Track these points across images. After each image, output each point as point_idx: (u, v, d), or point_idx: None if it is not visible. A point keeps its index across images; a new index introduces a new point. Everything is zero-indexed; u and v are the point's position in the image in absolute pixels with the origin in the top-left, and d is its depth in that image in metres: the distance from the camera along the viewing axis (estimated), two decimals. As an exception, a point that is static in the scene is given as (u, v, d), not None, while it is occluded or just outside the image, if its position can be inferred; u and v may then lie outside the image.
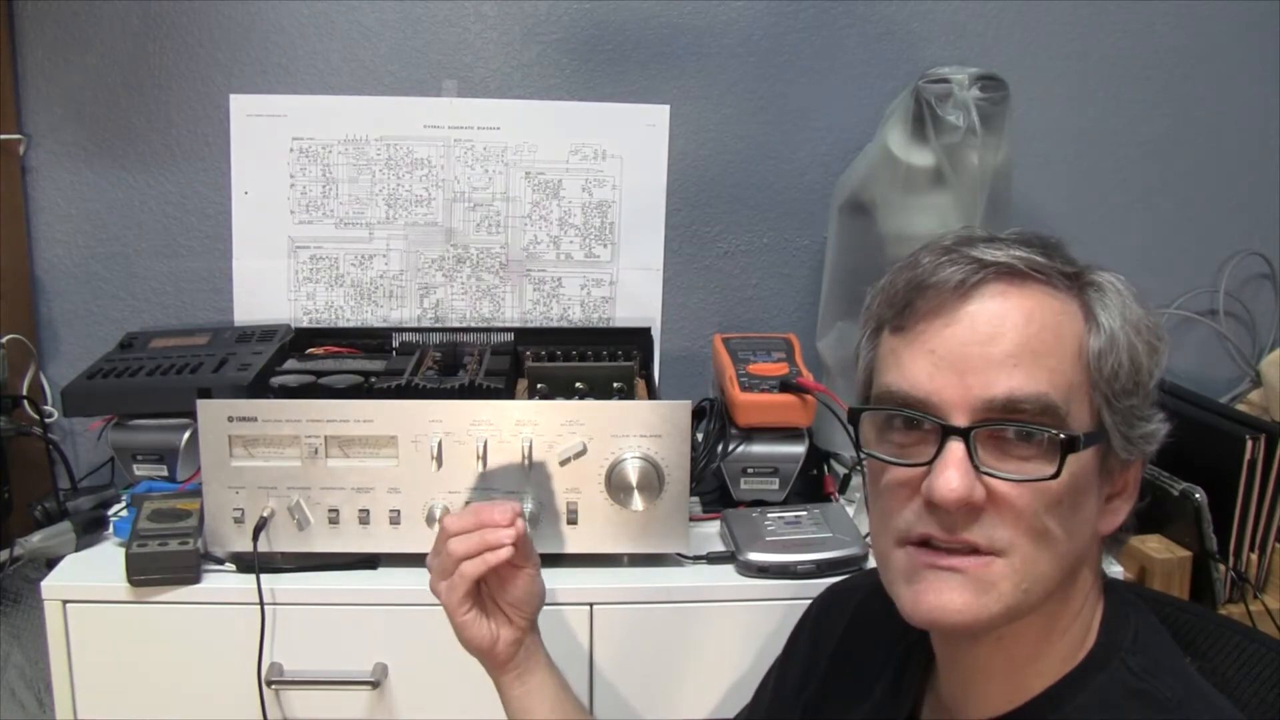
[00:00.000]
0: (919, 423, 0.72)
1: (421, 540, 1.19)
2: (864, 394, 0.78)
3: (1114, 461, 0.73)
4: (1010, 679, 0.75)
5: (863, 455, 0.76)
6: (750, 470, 1.36)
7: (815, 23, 1.60)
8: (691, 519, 1.24)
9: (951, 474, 0.68)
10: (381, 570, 1.21)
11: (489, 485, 1.17)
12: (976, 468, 0.69)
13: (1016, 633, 0.73)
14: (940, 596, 0.70)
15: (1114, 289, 0.73)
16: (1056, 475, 0.68)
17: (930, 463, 0.70)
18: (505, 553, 0.87)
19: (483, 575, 0.89)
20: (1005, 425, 0.69)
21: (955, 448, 0.69)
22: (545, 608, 1.18)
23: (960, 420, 0.70)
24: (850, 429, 0.77)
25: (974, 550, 0.70)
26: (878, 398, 0.75)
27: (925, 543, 0.71)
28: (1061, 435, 0.68)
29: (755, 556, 1.22)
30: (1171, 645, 0.76)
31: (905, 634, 0.81)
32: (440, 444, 1.16)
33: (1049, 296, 0.71)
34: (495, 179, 1.60)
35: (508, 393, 1.35)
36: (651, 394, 1.39)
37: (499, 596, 0.92)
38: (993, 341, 0.69)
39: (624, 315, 1.64)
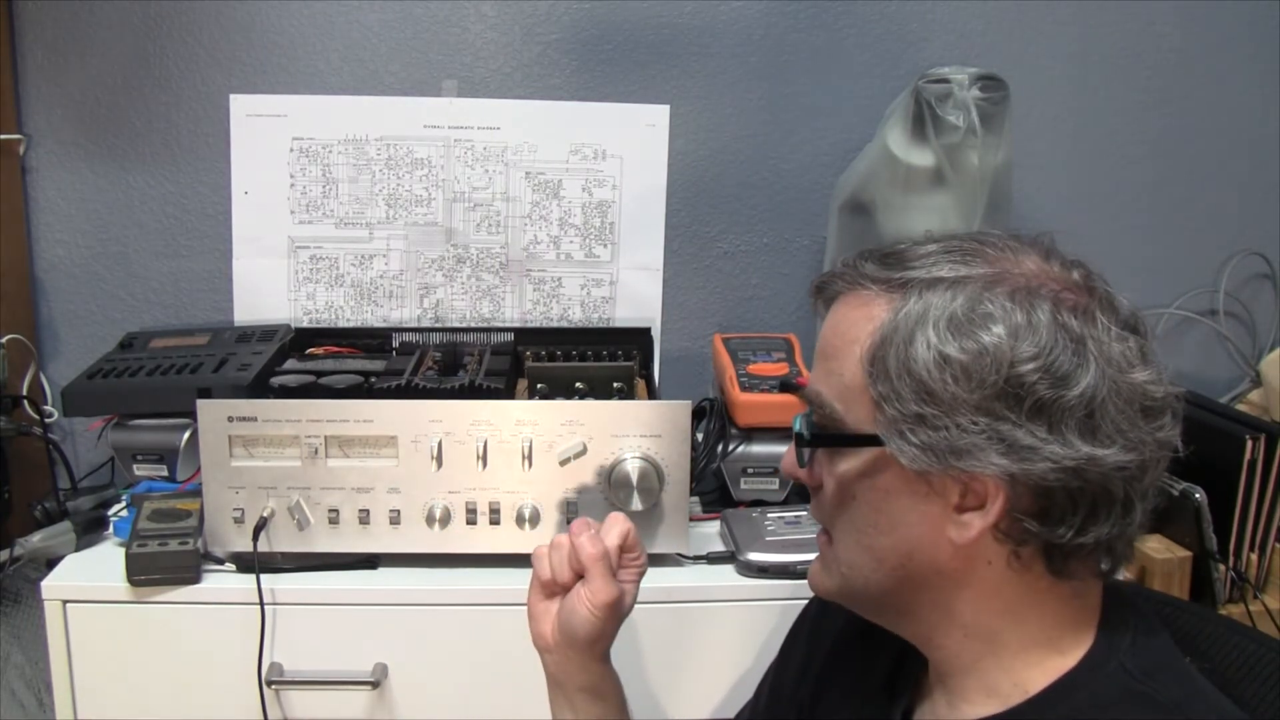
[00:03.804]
0: None
1: (421, 540, 1.19)
2: None
3: (941, 470, 0.70)
4: (976, 677, 0.75)
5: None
6: (750, 470, 1.36)
7: (815, 23, 1.60)
8: (691, 519, 1.24)
9: (787, 452, 0.82)
10: (381, 570, 1.21)
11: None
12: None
13: (925, 623, 0.77)
14: (810, 571, 0.83)
15: (925, 302, 0.70)
16: (804, 464, 0.79)
17: None
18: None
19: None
20: (797, 421, 0.79)
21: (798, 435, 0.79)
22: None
23: (802, 414, 0.80)
24: None
25: (823, 530, 0.80)
26: None
27: None
28: (808, 432, 0.77)
29: (755, 556, 1.22)
30: (1171, 646, 0.76)
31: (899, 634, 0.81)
32: (440, 444, 1.16)
33: (858, 304, 0.74)
34: (495, 179, 1.60)
35: (508, 393, 1.35)
36: (651, 394, 1.39)
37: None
38: (820, 348, 0.78)
39: (624, 315, 1.64)
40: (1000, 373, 0.68)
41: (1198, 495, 1.31)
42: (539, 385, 1.35)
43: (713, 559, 1.24)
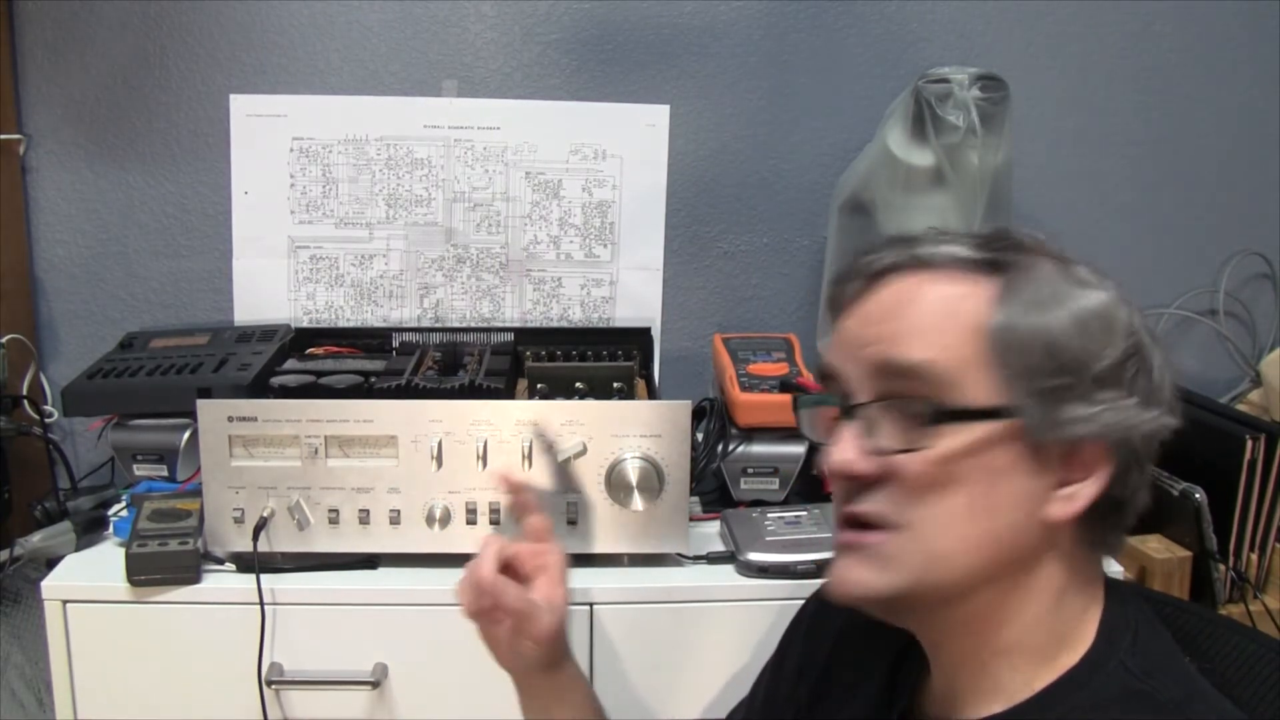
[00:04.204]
0: (834, 408, 0.77)
1: (421, 540, 1.19)
2: None
3: (1052, 443, 0.71)
4: (986, 673, 0.74)
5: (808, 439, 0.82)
6: (750, 470, 1.36)
7: (815, 23, 1.60)
8: (691, 519, 1.24)
9: (839, 446, 0.73)
10: (381, 570, 1.21)
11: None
12: (870, 440, 0.73)
13: (971, 616, 0.73)
14: (842, 572, 0.74)
15: (1041, 274, 0.72)
16: (930, 446, 0.70)
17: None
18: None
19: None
20: (885, 401, 0.72)
21: (847, 424, 0.74)
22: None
23: (859, 397, 0.74)
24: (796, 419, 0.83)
25: (872, 525, 0.73)
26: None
27: (844, 523, 0.75)
28: (937, 408, 0.70)
29: (755, 556, 1.22)
30: (1172, 645, 0.76)
31: (900, 633, 0.81)
32: (440, 444, 1.16)
33: (949, 283, 0.73)
34: (495, 179, 1.60)
35: (508, 393, 1.35)
36: (651, 394, 1.39)
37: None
38: (884, 321, 0.74)
39: (624, 315, 1.64)
40: (1126, 338, 0.71)
41: (1198, 495, 1.31)
42: (539, 385, 1.35)
43: (713, 559, 1.24)
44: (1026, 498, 0.71)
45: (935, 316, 0.72)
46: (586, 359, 1.46)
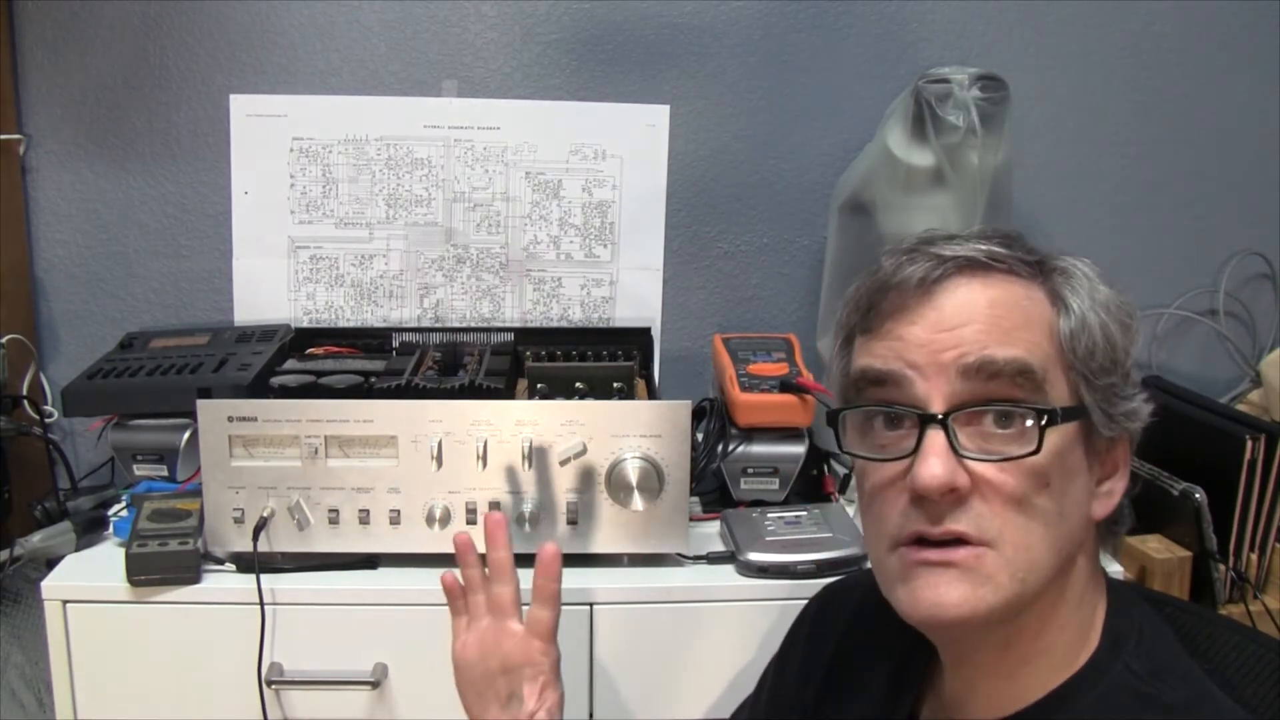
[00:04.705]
0: (899, 419, 0.72)
1: (421, 540, 1.19)
2: (842, 402, 0.79)
3: (1099, 442, 0.73)
4: (1014, 678, 0.74)
5: (848, 456, 0.76)
6: (750, 470, 1.36)
7: (815, 23, 1.60)
8: (691, 519, 1.24)
9: (933, 461, 0.68)
10: (381, 570, 1.21)
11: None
12: (958, 453, 0.69)
13: (1019, 627, 0.72)
14: (936, 592, 0.70)
15: (1080, 273, 0.74)
16: (1038, 450, 0.68)
17: (912, 454, 0.70)
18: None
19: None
20: (983, 407, 0.69)
21: (935, 435, 0.69)
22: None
23: (937, 407, 0.70)
24: (834, 432, 0.77)
25: (965, 542, 0.69)
26: (856, 397, 0.76)
27: (917, 541, 0.71)
28: (1041, 410, 0.69)
29: (755, 556, 1.22)
30: (1176, 646, 0.76)
31: (905, 633, 0.81)
32: (440, 444, 1.16)
33: (1013, 284, 0.73)
34: (495, 179, 1.60)
35: (508, 393, 1.35)
36: (651, 394, 1.39)
37: None
38: (961, 327, 0.70)
39: (624, 315, 1.64)
40: (1139, 332, 0.74)
41: (1198, 495, 1.31)
42: (539, 385, 1.35)
43: (713, 559, 1.24)
44: (1085, 496, 0.73)
45: (1018, 316, 0.71)
46: (586, 359, 1.46)
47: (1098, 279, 0.75)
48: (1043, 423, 0.68)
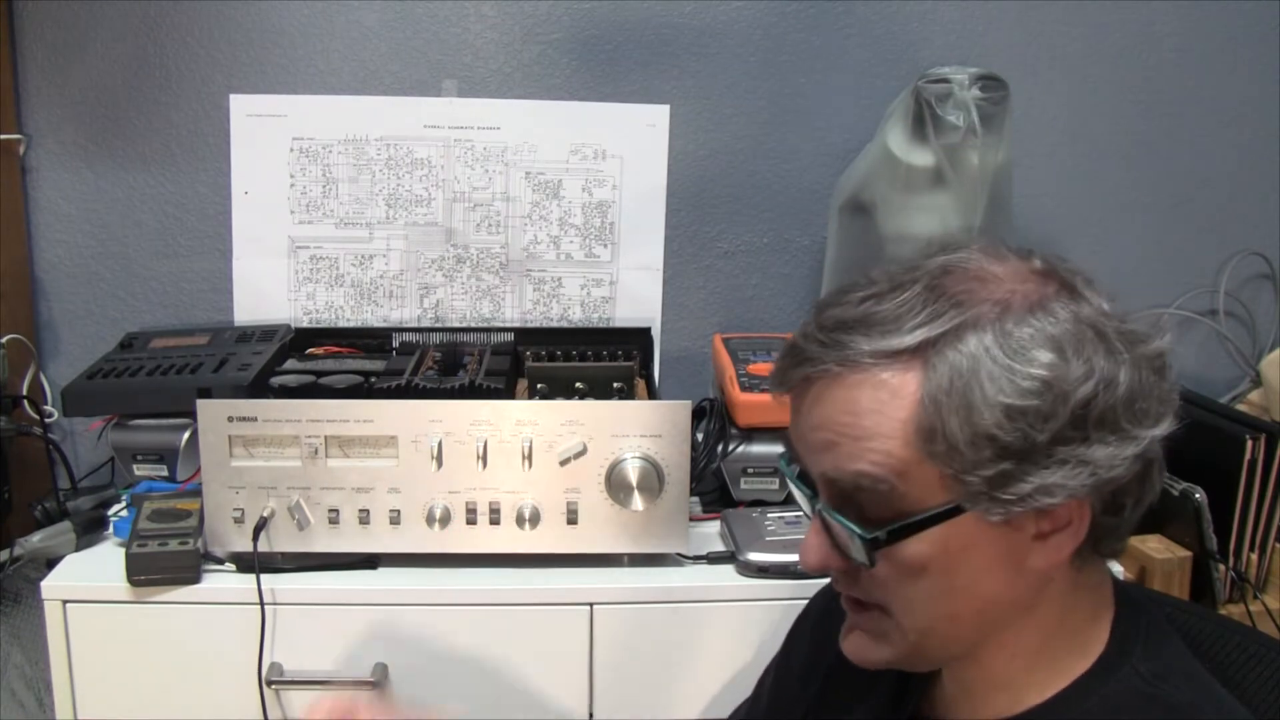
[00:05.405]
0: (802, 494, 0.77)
1: (421, 540, 1.19)
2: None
3: (1024, 512, 0.67)
4: (1009, 687, 0.75)
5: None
6: (750, 470, 1.36)
7: (815, 23, 1.60)
8: (691, 519, 1.24)
9: (808, 544, 0.75)
10: (381, 570, 1.21)
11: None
12: (832, 540, 0.73)
13: (982, 658, 0.74)
14: (850, 645, 0.77)
15: (967, 358, 0.66)
16: (871, 564, 0.70)
17: None
18: None
19: None
20: (833, 514, 0.71)
21: (815, 520, 0.74)
22: (545, 607, 1.18)
23: (819, 498, 0.74)
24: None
25: (862, 604, 0.75)
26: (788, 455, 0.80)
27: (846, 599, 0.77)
28: (859, 534, 0.69)
29: (755, 556, 1.22)
30: (1182, 648, 0.76)
31: None
32: (440, 444, 1.16)
33: (883, 378, 0.68)
34: (495, 179, 1.60)
35: (508, 393, 1.35)
36: (651, 394, 1.39)
37: None
38: (818, 430, 0.72)
39: (624, 315, 1.64)
40: (1066, 403, 0.65)
41: (1198, 495, 1.31)
42: (539, 385, 1.35)
43: (713, 559, 1.24)
44: (1003, 561, 0.70)
45: (866, 423, 0.69)
46: (586, 359, 1.46)
47: (1002, 351, 0.66)
48: (888, 536, 0.68)
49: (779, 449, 1.35)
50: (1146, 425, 0.68)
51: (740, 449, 1.36)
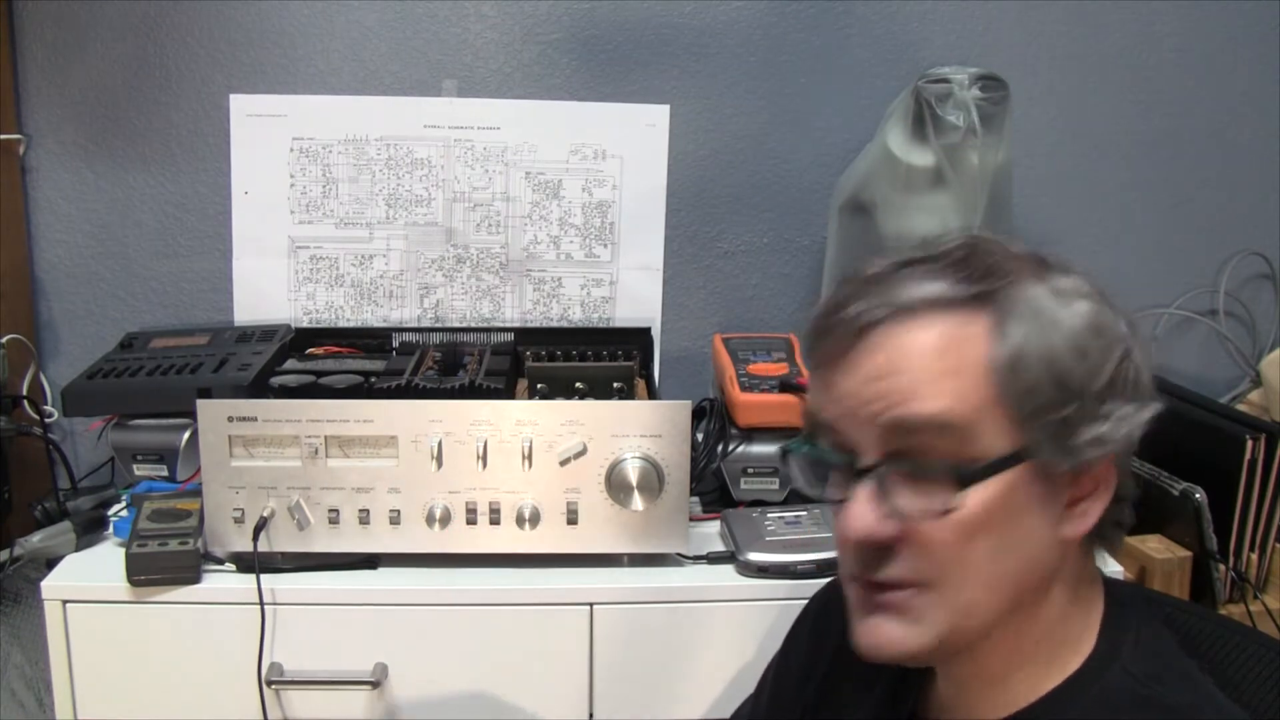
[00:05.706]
0: (837, 464, 0.74)
1: (421, 540, 1.19)
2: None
3: (1063, 469, 0.69)
4: (1004, 685, 0.75)
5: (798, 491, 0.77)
6: (750, 470, 1.36)
7: (815, 23, 1.60)
8: (691, 519, 1.24)
9: (855, 512, 0.70)
10: (381, 570, 1.21)
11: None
12: (888, 503, 0.70)
13: (993, 642, 0.73)
14: (872, 634, 0.73)
15: (1029, 301, 0.69)
16: (958, 508, 0.68)
17: (847, 500, 0.71)
18: None
19: None
20: (902, 464, 0.69)
21: (862, 486, 0.70)
22: (546, 607, 1.19)
23: (866, 458, 0.71)
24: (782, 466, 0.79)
25: (899, 584, 0.71)
26: (809, 431, 0.77)
27: (866, 584, 0.73)
28: (959, 468, 0.68)
29: (755, 556, 1.22)
30: (1174, 647, 0.76)
31: None
32: (440, 444, 1.16)
33: (948, 324, 0.69)
34: (495, 179, 1.60)
35: (508, 393, 1.35)
36: (651, 394, 1.39)
37: None
38: (886, 377, 0.70)
39: (624, 315, 1.64)
40: (1114, 350, 0.69)
41: (1198, 495, 1.31)
42: (539, 385, 1.35)
43: (713, 559, 1.24)
44: (1043, 526, 0.70)
45: (939, 364, 0.68)
46: (586, 359, 1.46)
47: (1053, 299, 0.69)
48: (960, 482, 0.68)
49: (779, 449, 1.35)
50: (1150, 394, 0.72)
51: (740, 449, 1.36)
